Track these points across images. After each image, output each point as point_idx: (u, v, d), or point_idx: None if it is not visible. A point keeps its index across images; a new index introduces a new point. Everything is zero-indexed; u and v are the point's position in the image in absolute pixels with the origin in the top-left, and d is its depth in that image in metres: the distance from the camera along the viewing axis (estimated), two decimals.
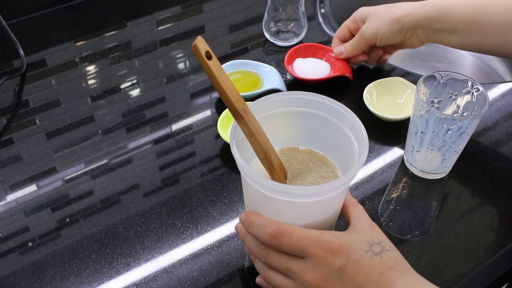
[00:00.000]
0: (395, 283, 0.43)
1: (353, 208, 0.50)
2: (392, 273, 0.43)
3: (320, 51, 0.80)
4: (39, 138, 0.71)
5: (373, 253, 0.44)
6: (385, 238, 0.46)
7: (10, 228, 0.60)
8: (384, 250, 0.45)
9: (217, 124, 0.67)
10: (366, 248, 0.44)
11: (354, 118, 0.50)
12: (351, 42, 0.75)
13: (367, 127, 0.49)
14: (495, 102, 0.75)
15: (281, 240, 0.44)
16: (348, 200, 0.51)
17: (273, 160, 0.48)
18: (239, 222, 0.51)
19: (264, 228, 0.45)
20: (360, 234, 0.46)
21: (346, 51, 0.76)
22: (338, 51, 0.77)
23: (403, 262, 0.45)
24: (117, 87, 0.79)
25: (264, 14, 0.85)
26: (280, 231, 0.44)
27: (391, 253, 0.45)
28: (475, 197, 0.63)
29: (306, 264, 0.44)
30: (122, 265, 0.56)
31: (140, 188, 0.64)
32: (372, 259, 0.44)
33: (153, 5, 0.94)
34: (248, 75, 0.77)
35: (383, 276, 0.43)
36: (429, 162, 0.63)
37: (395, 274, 0.43)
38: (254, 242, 0.48)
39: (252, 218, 0.47)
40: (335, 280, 0.43)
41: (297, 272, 0.44)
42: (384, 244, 0.45)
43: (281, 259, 0.46)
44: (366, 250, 0.44)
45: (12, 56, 0.83)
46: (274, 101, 0.52)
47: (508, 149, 0.69)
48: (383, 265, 0.44)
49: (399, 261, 0.45)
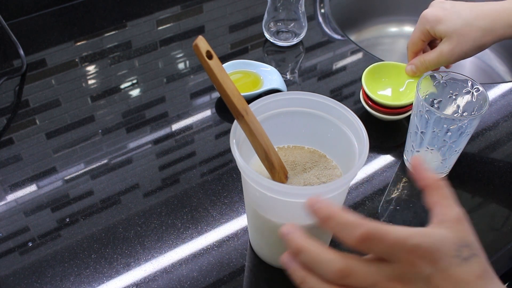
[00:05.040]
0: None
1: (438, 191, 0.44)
2: (478, 283, 0.40)
3: None
4: (39, 138, 0.71)
5: (461, 259, 0.40)
6: (473, 238, 0.42)
7: (10, 228, 0.60)
8: (472, 255, 0.41)
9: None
10: (455, 252, 0.40)
11: (354, 118, 0.50)
12: (426, 61, 0.67)
13: (367, 127, 0.48)
14: (495, 102, 0.75)
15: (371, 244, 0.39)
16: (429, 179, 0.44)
17: (274, 160, 0.48)
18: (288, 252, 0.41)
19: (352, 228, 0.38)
20: (449, 231, 0.42)
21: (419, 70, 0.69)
22: (410, 70, 0.70)
23: (488, 269, 0.42)
24: (117, 87, 0.79)
25: (264, 14, 0.85)
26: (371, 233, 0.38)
27: (479, 259, 0.41)
28: (475, 197, 0.63)
29: (393, 271, 0.40)
30: (122, 265, 0.56)
31: (140, 188, 0.64)
32: (460, 266, 0.40)
33: (153, 5, 0.94)
34: (248, 75, 0.77)
35: (469, 285, 0.40)
36: (429, 162, 0.62)
37: (481, 284, 0.40)
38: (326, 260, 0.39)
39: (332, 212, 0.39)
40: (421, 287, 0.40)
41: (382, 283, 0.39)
42: (473, 246, 0.42)
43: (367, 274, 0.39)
44: (454, 255, 0.40)
45: (12, 56, 0.83)
46: (274, 101, 0.52)
47: (508, 149, 0.69)
48: (470, 274, 0.40)
49: (486, 269, 0.41)
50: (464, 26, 0.63)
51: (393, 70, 0.72)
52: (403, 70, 0.71)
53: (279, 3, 0.83)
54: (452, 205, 0.43)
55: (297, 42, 0.85)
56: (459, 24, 0.63)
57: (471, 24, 0.63)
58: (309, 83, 0.80)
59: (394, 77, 0.72)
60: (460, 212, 0.43)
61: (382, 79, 0.72)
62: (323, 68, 0.82)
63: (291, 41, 0.85)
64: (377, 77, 0.72)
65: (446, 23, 0.64)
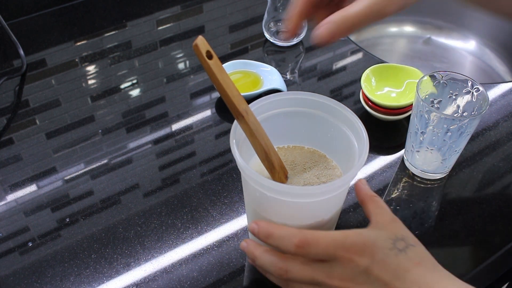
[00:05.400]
0: (422, 280, 0.42)
1: (372, 202, 0.48)
2: (419, 269, 0.43)
3: None
4: (39, 138, 0.70)
5: (398, 250, 0.43)
6: (408, 233, 0.45)
7: (10, 228, 0.60)
8: (408, 246, 0.44)
9: None
10: (391, 245, 0.43)
11: (354, 118, 0.50)
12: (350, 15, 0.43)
13: (367, 127, 0.49)
14: (495, 102, 0.75)
15: (309, 249, 0.43)
16: (366, 194, 0.49)
17: (274, 160, 0.48)
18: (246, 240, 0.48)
19: (288, 239, 0.43)
20: (382, 230, 0.45)
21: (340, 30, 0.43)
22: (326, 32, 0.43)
23: (428, 257, 0.44)
24: (117, 87, 0.79)
25: (264, 14, 0.85)
26: (307, 240, 0.42)
27: (415, 248, 0.44)
28: (475, 197, 0.63)
29: (332, 268, 0.43)
30: (122, 265, 0.56)
31: (140, 188, 0.64)
32: (397, 256, 0.43)
33: (153, 5, 0.94)
34: (248, 75, 0.77)
35: (409, 273, 0.42)
36: (429, 162, 0.62)
37: (422, 271, 0.43)
38: (269, 260, 0.46)
39: (270, 230, 0.44)
40: (362, 281, 0.42)
41: (322, 279, 0.43)
42: (408, 239, 0.44)
43: (303, 272, 0.44)
44: (390, 247, 0.43)
45: (12, 56, 0.83)
46: (274, 101, 0.52)
47: (508, 149, 0.69)
48: (409, 262, 0.43)
49: (424, 256, 0.44)
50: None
51: (392, 71, 0.72)
52: (403, 71, 0.72)
53: (279, 3, 0.83)
54: (385, 213, 0.47)
55: (297, 42, 0.85)
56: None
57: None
58: (309, 83, 0.80)
59: (393, 78, 0.72)
60: (394, 216, 0.47)
61: (381, 80, 0.72)
62: (323, 68, 0.82)
63: (291, 41, 0.85)
64: (376, 78, 0.72)
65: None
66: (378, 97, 0.69)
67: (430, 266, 0.44)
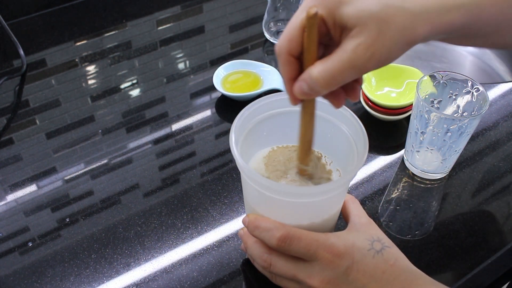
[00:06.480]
0: (396, 280, 0.44)
1: (351, 204, 0.51)
2: (393, 270, 0.45)
3: None
4: (39, 138, 0.71)
5: (375, 251, 0.45)
6: (383, 235, 0.48)
7: (10, 228, 0.60)
8: (384, 247, 0.46)
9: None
10: (368, 246, 0.45)
11: (354, 118, 0.49)
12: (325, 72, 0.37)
13: (367, 127, 0.48)
14: (495, 102, 0.75)
15: (290, 244, 0.44)
16: (345, 196, 0.51)
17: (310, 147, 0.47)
18: (243, 228, 0.51)
19: (272, 232, 0.45)
20: (360, 232, 0.47)
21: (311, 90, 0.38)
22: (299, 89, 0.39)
23: (402, 258, 0.46)
24: (117, 87, 0.79)
25: (264, 14, 0.85)
26: (289, 235, 0.44)
27: (390, 250, 0.46)
28: (475, 197, 0.63)
29: (313, 268, 0.45)
30: (122, 265, 0.56)
31: (140, 188, 0.64)
32: (374, 257, 0.45)
33: (153, 5, 0.94)
34: (248, 75, 0.77)
35: (385, 274, 0.44)
36: (429, 162, 0.62)
37: (396, 271, 0.45)
38: (257, 251, 0.48)
39: (257, 222, 0.46)
40: (341, 282, 0.44)
41: (303, 279, 0.45)
42: (384, 241, 0.47)
43: (285, 268, 0.46)
44: (368, 248, 0.45)
45: (12, 56, 0.83)
46: (274, 101, 0.52)
47: (508, 149, 0.69)
48: (384, 263, 0.45)
49: (398, 257, 0.46)
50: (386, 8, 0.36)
51: (392, 71, 0.72)
52: (403, 71, 0.72)
53: (279, 3, 0.83)
54: (363, 215, 0.50)
55: None
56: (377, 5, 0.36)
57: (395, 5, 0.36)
58: None
59: (393, 78, 0.72)
60: (369, 218, 0.50)
61: (381, 80, 0.72)
62: None
63: None
64: (376, 78, 0.72)
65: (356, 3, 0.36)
66: (378, 97, 0.69)
67: (404, 266, 0.46)
